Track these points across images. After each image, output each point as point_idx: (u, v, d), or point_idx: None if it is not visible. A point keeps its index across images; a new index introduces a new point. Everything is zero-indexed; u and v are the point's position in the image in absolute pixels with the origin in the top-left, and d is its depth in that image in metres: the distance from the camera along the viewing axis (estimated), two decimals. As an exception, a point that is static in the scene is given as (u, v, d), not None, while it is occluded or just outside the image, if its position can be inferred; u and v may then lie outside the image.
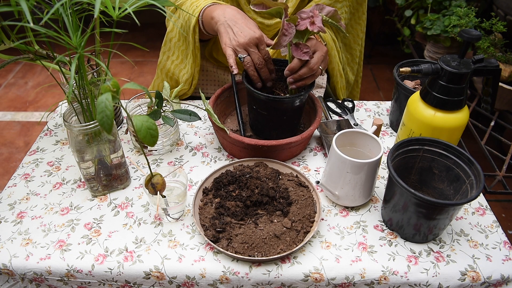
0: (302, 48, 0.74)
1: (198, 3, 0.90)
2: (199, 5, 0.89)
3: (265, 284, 0.65)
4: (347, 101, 1.01)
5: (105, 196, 0.77)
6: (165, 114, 0.79)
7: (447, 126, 0.72)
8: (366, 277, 0.64)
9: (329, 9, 0.74)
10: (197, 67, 0.98)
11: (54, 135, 0.92)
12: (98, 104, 0.51)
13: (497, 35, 1.44)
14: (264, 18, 0.97)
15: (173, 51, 1.02)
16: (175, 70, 1.03)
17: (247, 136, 0.87)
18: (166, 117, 0.78)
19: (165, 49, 1.04)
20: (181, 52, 1.00)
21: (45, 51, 0.68)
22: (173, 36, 1.00)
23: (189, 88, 1.02)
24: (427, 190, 0.74)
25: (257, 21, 0.99)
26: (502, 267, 0.65)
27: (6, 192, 0.78)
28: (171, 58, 1.03)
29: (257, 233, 0.66)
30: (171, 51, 1.02)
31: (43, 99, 2.22)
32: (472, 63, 0.70)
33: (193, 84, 1.02)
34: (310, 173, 0.83)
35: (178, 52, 1.01)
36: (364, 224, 0.72)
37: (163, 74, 1.06)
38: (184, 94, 1.04)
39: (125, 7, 0.57)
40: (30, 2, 0.53)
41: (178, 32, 0.98)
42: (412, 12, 1.91)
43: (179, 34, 0.98)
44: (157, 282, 0.66)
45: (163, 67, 1.05)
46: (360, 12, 1.05)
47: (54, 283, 0.67)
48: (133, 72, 2.44)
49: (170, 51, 1.02)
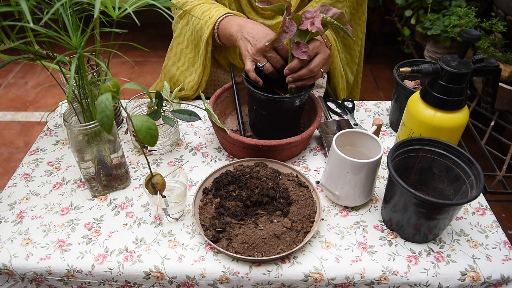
0: (302, 48, 0.74)
1: (210, 13, 0.91)
2: (211, 16, 0.90)
3: (265, 284, 0.65)
4: (347, 101, 1.01)
5: (105, 196, 0.77)
6: (165, 114, 0.79)
7: (447, 126, 0.72)
8: (366, 277, 0.64)
9: (335, 11, 0.73)
10: (206, 76, 0.98)
11: (54, 135, 0.92)
12: (98, 104, 0.51)
13: (497, 35, 1.44)
14: (265, 18, 0.97)
15: (179, 57, 1.01)
16: (180, 76, 1.02)
17: (247, 136, 0.87)
18: (166, 117, 0.78)
19: (170, 54, 1.03)
20: (188, 60, 1.00)
21: (45, 51, 0.68)
22: (180, 41, 1.00)
23: (193, 94, 1.02)
24: (427, 190, 0.74)
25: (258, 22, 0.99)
26: (502, 267, 0.65)
27: (6, 192, 0.78)
28: (177, 64, 1.02)
29: (257, 233, 0.66)
30: (177, 57, 1.02)
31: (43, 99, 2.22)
32: (472, 63, 0.70)
33: (197, 91, 1.01)
34: (310, 173, 0.83)
35: (184, 59, 1.00)
36: (364, 224, 0.72)
37: (166, 78, 1.05)
38: (186, 99, 1.04)
39: (125, 7, 0.57)
40: (30, 2, 0.53)
41: (187, 39, 0.98)
42: (412, 12, 1.91)
43: (188, 41, 0.98)
44: (157, 282, 0.66)
45: (167, 71, 1.05)
46: (360, 12, 1.05)
47: (54, 283, 0.67)
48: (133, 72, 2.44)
49: (176, 56, 1.02)
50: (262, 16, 0.97)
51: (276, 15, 0.97)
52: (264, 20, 0.96)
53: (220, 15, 0.89)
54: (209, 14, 0.90)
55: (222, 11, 0.91)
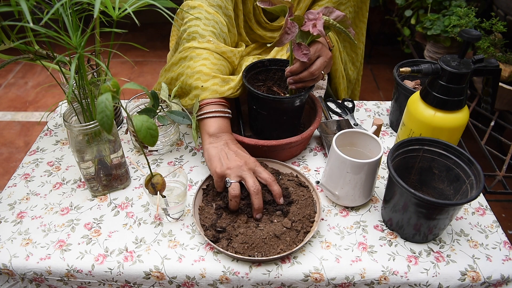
0: (303, 49, 0.74)
1: (205, 83, 0.77)
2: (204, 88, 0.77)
3: (265, 284, 0.65)
4: (347, 101, 1.01)
5: (105, 196, 0.77)
6: (161, 113, 0.80)
7: (447, 126, 0.72)
8: (366, 277, 0.64)
9: (338, 13, 0.73)
10: None
11: (54, 135, 0.92)
12: (98, 104, 0.51)
13: (497, 35, 1.44)
14: (273, 31, 0.97)
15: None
16: None
17: (247, 136, 0.87)
18: (161, 116, 0.78)
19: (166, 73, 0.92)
20: None
21: (45, 51, 0.68)
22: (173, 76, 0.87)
23: None
24: (427, 190, 0.74)
25: (266, 36, 0.98)
26: (502, 267, 0.65)
27: (6, 192, 0.78)
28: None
29: (257, 233, 0.66)
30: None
31: (43, 99, 2.22)
32: (472, 63, 0.70)
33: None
34: (310, 173, 0.83)
35: None
36: (364, 224, 0.72)
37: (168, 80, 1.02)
38: None
39: (125, 7, 0.57)
40: (30, 2, 0.53)
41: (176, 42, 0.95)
42: (412, 12, 1.91)
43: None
44: (157, 282, 0.66)
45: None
46: (364, 10, 1.05)
47: (54, 283, 0.67)
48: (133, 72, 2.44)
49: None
50: (269, 30, 0.97)
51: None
52: (272, 34, 0.95)
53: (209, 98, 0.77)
54: (204, 82, 0.77)
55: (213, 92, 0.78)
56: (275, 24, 0.98)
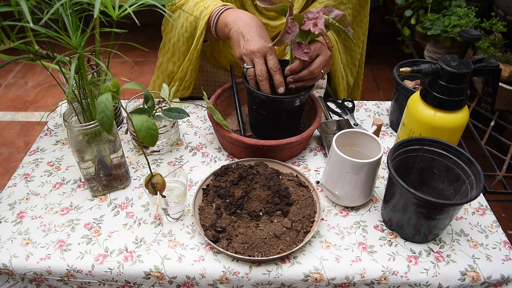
0: (303, 48, 0.74)
1: (205, 3, 0.88)
2: (207, 6, 0.88)
3: (265, 284, 0.65)
4: (347, 101, 1.01)
5: (105, 196, 0.77)
6: (157, 113, 0.80)
7: (447, 126, 0.72)
8: (366, 277, 0.64)
9: (337, 12, 0.73)
10: (191, 66, 0.96)
11: (54, 135, 0.92)
12: (98, 104, 0.51)
13: (497, 35, 1.44)
14: (269, 19, 0.97)
15: (173, 52, 0.98)
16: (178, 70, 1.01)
17: (247, 136, 0.87)
18: (157, 116, 0.78)
19: (164, 51, 1.01)
20: (183, 53, 0.98)
21: (45, 51, 0.68)
22: (172, 36, 0.98)
23: (187, 91, 1.01)
24: (427, 190, 0.74)
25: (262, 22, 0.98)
26: (502, 267, 0.65)
27: (6, 192, 0.78)
28: (172, 59, 0.99)
29: (257, 233, 0.66)
30: (170, 52, 0.99)
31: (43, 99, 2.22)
32: (472, 63, 0.70)
33: (189, 84, 1.00)
34: (310, 173, 0.83)
35: (179, 53, 0.98)
36: (364, 224, 0.72)
37: (164, 75, 1.03)
38: (182, 95, 1.03)
39: (125, 7, 0.57)
40: (30, 2, 0.53)
41: (177, 33, 0.96)
42: (412, 12, 1.91)
43: (178, 35, 0.96)
44: (157, 282, 0.66)
45: (164, 69, 1.02)
46: (362, 15, 1.05)
47: (54, 283, 0.67)
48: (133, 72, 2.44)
49: (170, 52, 0.99)
50: (266, 17, 0.97)
51: (279, 16, 0.96)
52: (268, 21, 0.96)
53: (218, 7, 0.87)
54: (204, 3, 0.88)
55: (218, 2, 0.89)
56: (271, 13, 0.98)
